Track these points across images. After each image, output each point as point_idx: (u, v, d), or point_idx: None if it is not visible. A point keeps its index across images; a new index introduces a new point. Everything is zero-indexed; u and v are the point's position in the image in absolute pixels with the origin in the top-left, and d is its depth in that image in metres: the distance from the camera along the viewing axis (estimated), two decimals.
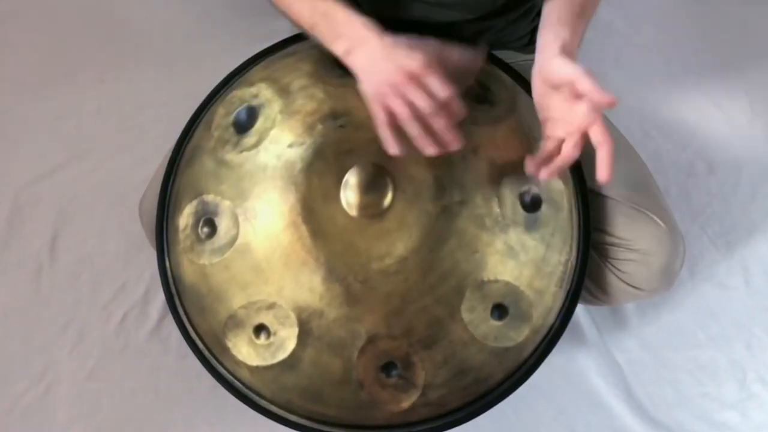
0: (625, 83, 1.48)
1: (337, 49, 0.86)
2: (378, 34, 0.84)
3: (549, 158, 0.85)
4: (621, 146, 1.04)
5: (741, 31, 1.55)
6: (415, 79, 0.81)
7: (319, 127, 0.89)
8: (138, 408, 1.19)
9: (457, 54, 0.87)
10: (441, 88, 0.81)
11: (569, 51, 0.84)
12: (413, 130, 0.82)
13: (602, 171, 0.79)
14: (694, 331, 1.27)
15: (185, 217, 0.94)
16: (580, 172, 0.94)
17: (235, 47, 0.93)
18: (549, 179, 0.86)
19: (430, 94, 0.81)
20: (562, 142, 0.84)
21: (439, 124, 0.81)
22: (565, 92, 0.82)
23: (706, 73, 1.51)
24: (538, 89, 0.85)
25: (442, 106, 0.81)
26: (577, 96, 0.80)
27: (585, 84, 0.78)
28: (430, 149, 0.82)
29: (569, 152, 0.83)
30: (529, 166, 0.86)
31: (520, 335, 0.89)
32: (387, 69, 0.82)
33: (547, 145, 0.85)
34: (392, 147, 0.82)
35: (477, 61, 0.88)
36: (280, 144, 0.89)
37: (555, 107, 0.84)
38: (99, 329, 1.25)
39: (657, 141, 1.42)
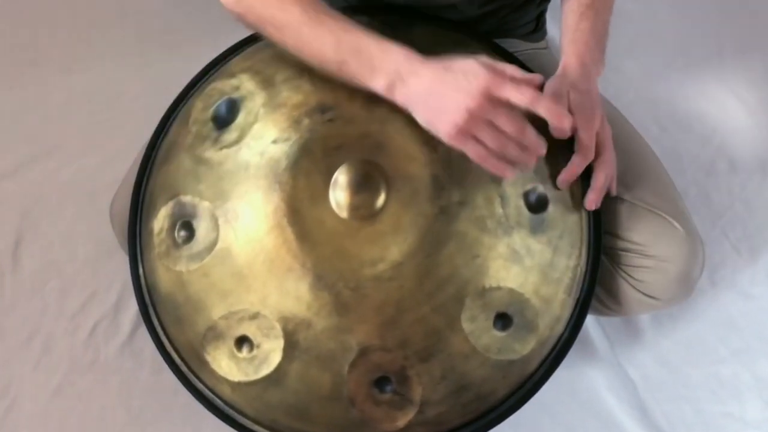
0: (639, 74, 1.49)
1: (377, 85, 0.84)
2: (422, 61, 0.83)
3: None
4: (634, 143, 1.04)
5: (764, 18, 1.56)
6: (494, 100, 0.79)
7: (306, 121, 0.89)
8: (108, 427, 1.19)
9: (510, 70, 0.82)
10: (522, 94, 0.79)
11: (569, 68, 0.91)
12: (511, 155, 0.82)
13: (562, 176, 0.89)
14: (715, 344, 1.27)
15: (160, 220, 0.94)
16: (589, 170, 0.95)
17: (215, 35, 0.93)
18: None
19: (511, 107, 0.80)
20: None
21: (530, 137, 0.81)
22: None
23: (726, 63, 1.51)
24: None
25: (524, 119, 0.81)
26: None
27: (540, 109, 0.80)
28: (509, 172, 0.83)
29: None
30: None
31: (525, 347, 0.90)
32: (457, 98, 0.79)
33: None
34: (508, 172, 0.82)
35: (534, 80, 0.83)
36: (263, 140, 0.90)
37: None
38: (66, 341, 1.25)
39: (674, 137, 1.42)
